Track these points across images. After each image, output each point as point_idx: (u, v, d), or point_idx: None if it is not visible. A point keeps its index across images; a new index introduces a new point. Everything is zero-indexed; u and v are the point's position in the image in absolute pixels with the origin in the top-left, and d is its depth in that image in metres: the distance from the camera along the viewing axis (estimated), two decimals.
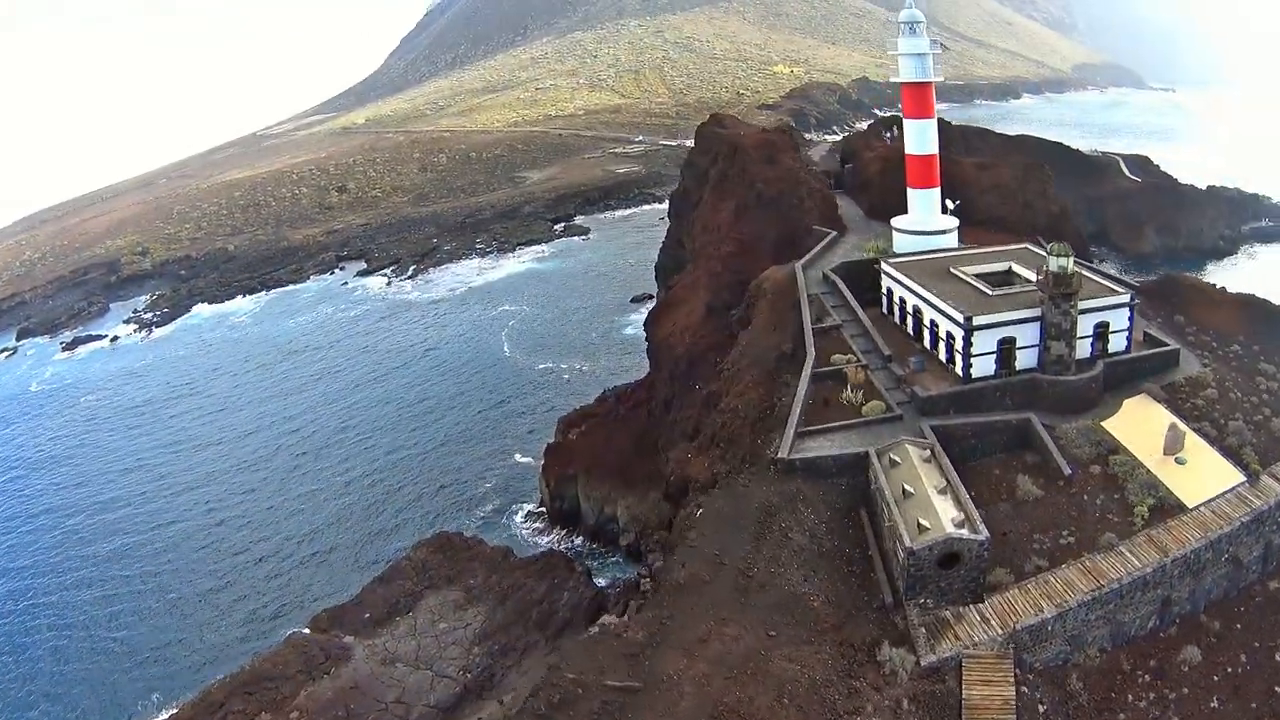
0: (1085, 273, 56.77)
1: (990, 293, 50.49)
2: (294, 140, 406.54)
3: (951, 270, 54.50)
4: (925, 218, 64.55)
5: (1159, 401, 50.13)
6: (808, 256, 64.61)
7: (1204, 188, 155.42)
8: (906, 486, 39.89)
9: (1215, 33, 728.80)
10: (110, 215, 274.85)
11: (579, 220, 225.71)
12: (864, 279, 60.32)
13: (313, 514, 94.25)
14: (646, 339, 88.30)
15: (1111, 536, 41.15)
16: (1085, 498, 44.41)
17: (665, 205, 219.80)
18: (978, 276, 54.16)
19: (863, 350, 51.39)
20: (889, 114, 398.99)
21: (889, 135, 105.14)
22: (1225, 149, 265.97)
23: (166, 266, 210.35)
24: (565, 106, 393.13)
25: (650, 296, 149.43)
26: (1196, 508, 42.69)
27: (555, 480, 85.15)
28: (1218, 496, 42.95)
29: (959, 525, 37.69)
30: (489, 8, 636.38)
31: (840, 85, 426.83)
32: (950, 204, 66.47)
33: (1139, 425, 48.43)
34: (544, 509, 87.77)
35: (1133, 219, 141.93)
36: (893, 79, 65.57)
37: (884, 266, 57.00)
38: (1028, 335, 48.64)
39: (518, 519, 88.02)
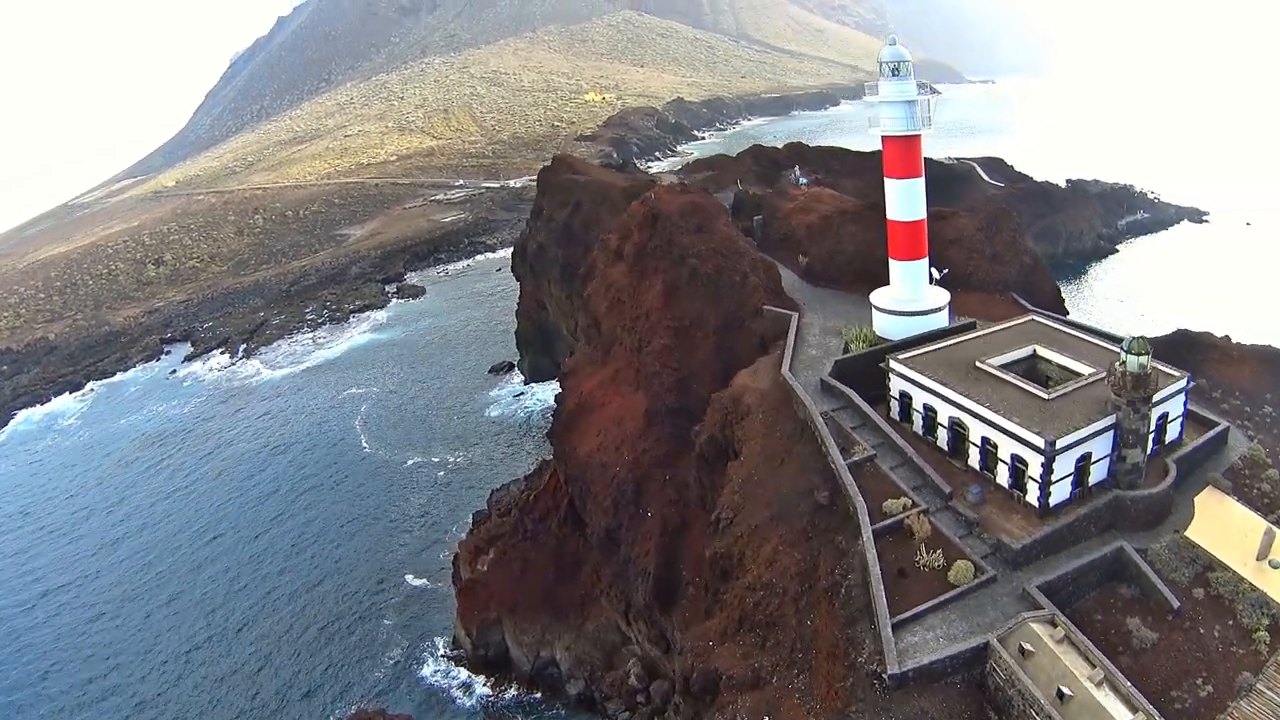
0: (1098, 341, 50.80)
1: (1046, 396, 42.72)
2: (106, 209, 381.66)
3: (978, 365, 46.68)
4: (914, 294, 56.20)
5: (1228, 494, 44.27)
6: (788, 357, 55.11)
7: (1063, 184, 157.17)
8: (1063, 688, 31.68)
9: (1031, 23, 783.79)
10: None
11: (411, 279, 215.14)
12: (860, 376, 51.74)
13: (185, 685, 78.46)
14: (556, 450, 76.35)
15: (1247, 675, 35.25)
16: (1202, 632, 37.91)
17: (499, 254, 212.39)
18: (1006, 369, 46.66)
19: (910, 486, 42.53)
20: (707, 134, 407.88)
21: (796, 178, 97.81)
22: (1052, 137, 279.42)
23: None
24: (377, 153, 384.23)
25: (511, 366, 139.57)
26: None
27: (476, 627, 73.25)
28: None
29: None
30: (292, 55, 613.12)
31: (655, 109, 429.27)
32: (936, 273, 58.85)
33: (1221, 527, 42.36)
34: (461, 651, 75.67)
35: None
36: (871, 130, 56.92)
37: (894, 366, 48.31)
38: (1102, 447, 41.23)
39: (433, 667, 75.64)
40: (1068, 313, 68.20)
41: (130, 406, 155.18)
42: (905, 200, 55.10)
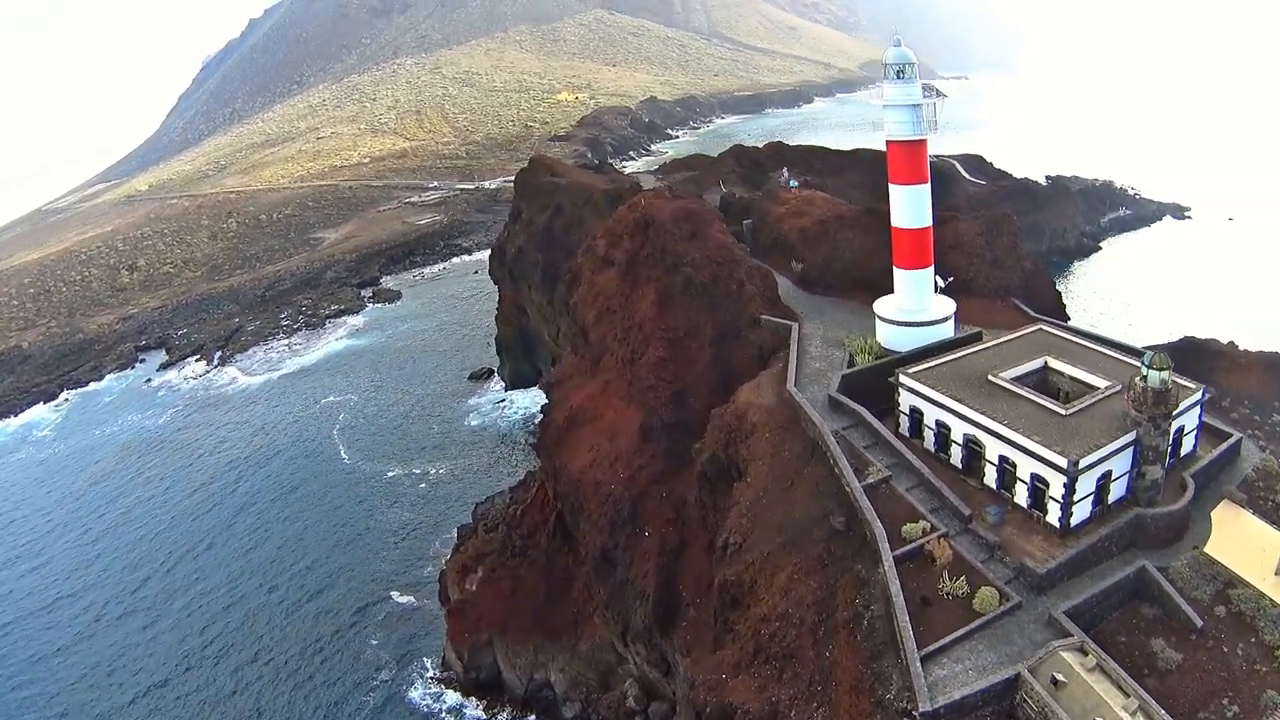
0: (1109, 352, 49.76)
1: (1064, 412, 41.59)
2: (80, 213, 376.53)
3: (991, 379, 45.47)
4: (919, 304, 54.76)
5: (1244, 507, 43.28)
6: (792, 371, 53.56)
7: (1044, 182, 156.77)
8: (1098, 719, 30.51)
9: (1002, 19, 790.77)
10: None
11: (387, 283, 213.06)
12: (868, 391, 50.37)
13: (165, 713, 76.04)
14: (545, 465, 73.85)
15: (1272, 694, 34.41)
16: (1225, 650, 36.98)
17: (475, 257, 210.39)
18: (1019, 382, 45.51)
19: (928, 508, 41.18)
20: (681, 133, 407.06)
21: (786, 181, 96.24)
22: (1027, 133, 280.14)
23: None
24: (350, 155, 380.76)
25: (491, 372, 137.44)
26: None
27: (468, 650, 71.12)
28: None
29: None
30: (265, 57, 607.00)
31: (629, 108, 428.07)
32: (941, 281, 57.51)
33: (1240, 543, 41.25)
34: (451, 673, 73.69)
35: None
36: (875, 132, 55.29)
37: (904, 380, 47.02)
38: (1122, 464, 40.16)
39: (422, 691, 73.54)
40: (1069, 318, 67.42)
41: (105, 417, 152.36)
42: (911, 207, 53.59)
